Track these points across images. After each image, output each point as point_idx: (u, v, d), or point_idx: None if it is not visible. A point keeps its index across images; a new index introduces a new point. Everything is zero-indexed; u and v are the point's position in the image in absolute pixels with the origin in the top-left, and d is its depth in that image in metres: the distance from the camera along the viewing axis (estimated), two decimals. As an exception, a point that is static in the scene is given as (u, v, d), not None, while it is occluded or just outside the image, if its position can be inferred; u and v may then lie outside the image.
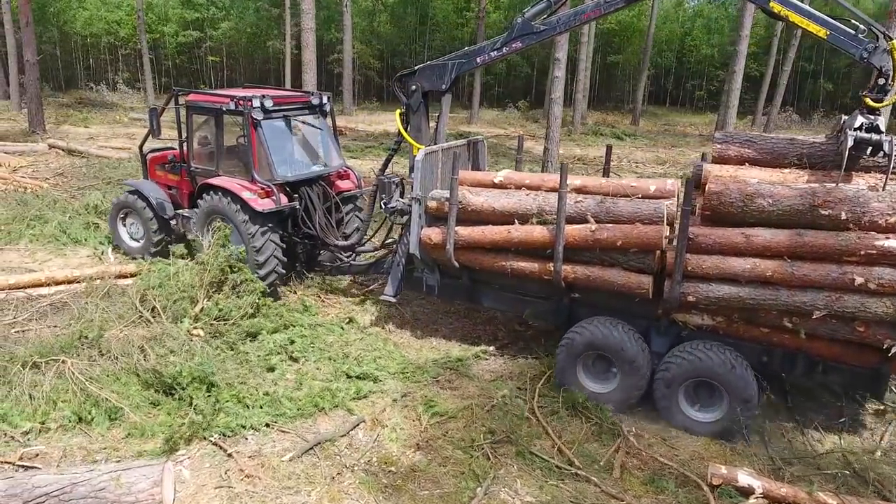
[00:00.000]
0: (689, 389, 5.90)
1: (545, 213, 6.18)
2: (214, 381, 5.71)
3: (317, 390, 6.01)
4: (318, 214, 8.47)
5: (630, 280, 5.98)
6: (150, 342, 6.28)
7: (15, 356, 5.97)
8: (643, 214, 5.90)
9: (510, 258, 6.49)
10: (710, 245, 5.62)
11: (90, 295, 7.70)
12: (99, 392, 5.49)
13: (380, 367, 6.62)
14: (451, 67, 7.24)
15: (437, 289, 7.36)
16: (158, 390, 5.76)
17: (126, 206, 9.39)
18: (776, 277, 5.42)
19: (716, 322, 5.93)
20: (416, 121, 7.55)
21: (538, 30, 6.78)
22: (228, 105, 8.03)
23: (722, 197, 5.55)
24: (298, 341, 6.95)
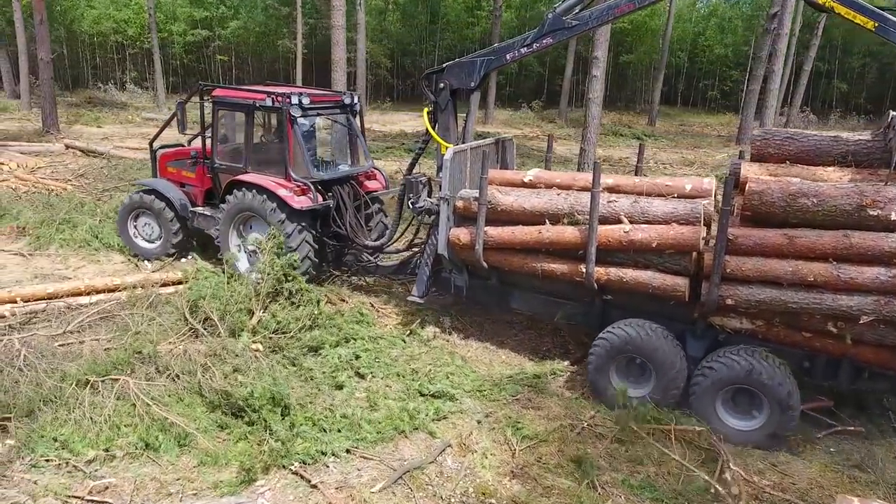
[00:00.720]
0: (727, 396, 5.65)
1: (577, 213, 6.00)
2: (289, 402, 5.25)
3: (396, 411, 5.56)
4: (348, 214, 8.31)
5: (665, 282, 5.75)
6: (210, 358, 5.83)
7: (67, 374, 5.53)
8: (679, 215, 5.70)
9: (541, 259, 6.29)
10: (751, 246, 5.39)
11: (134, 305, 7.27)
12: (165, 415, 5.03)
13: (454, 385, 6.18)
14: (481, 65, 7.05)
15: (465, 290, 7.21)
16: (226, 412, 5.31)
17: (140, 206, 9.06)
18: (820, 280, 5.17)
19: (755, 326, 5.69)
20: (443, 119, 7.36)
21: (570, 25, 6.57)
22: (265, 101, 7.86)
23: (763, 196, 5.31)
24: (363, 356, 6.51)
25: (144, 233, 9.26)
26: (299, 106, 7.76)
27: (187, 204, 8.91)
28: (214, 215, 8.56)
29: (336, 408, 5.53)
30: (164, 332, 6.73)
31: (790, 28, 27.08)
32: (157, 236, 9.15)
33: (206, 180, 8.92)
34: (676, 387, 5.77)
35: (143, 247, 9.26)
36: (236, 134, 8.89)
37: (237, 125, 8.76)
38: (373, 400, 5.80)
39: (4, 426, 5.01)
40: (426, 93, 7.46)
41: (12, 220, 10.42)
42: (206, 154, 8.66)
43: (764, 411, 5.50)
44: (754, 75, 24.01)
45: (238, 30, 37.96)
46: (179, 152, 9.31)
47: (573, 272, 6.10)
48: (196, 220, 8.89)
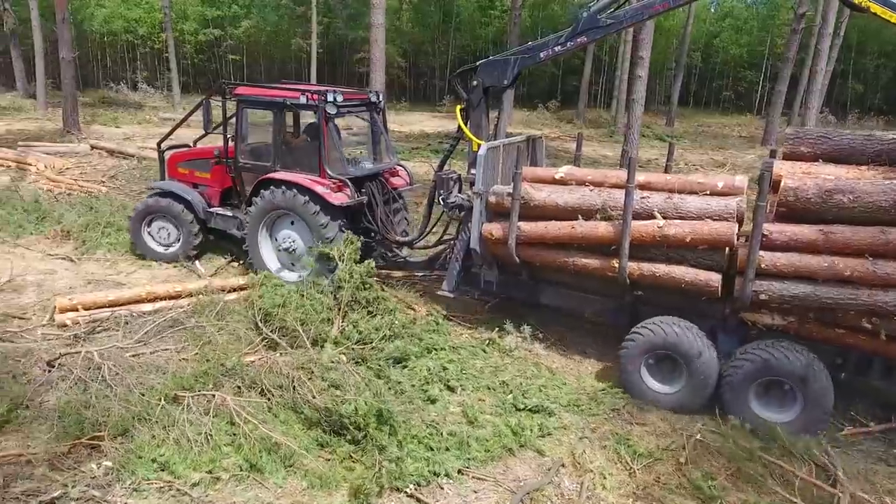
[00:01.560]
0: (759, 389, 5.62)
1: (610, 209, 6.02)
2: (396, 419, 4.96)
3: (501, 427, 5.27)
4: (379, 210, 8.35)
5: (698, 278, 5.75)
6: (300, 371, 5.54)
7: (152, 389, 5.25)
8: (712, 211, 5.71)
9: (573, 254, 6.32)
10: (786, 242, 5.41)
11: (201, 313, 7.00)
12: (270, 433, 4.74)
13: (550, 398, 5.90)
14: (514, 63, 7.06)
15: (495, 285, 7.23)
16: (326, 430, 5.02)
17: (156, 209, 8.83)
18: (856, 276, 5.17)
19: (787, 322, 5.70)
20: (475, 117, 7.40)
21: (605, 24, 6.58)
22: (299, 99, 7.80)
23: (799, 192, 5.32)
24: (450, 367, 6.23)
25: (160, 237, 9.02)
26: (334, 104, 7.72)
27: (205, 205, 8.77)
28: (237, 215, 8.53)
29: (438, 424, 5.24)
30: (236, 342, 6.48)
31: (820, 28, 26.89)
32: (175, 239, 8.95)
33: (224, 180, 8.76)
34: (708, 383, 5.75)
35: (159, 252, 9.02)
36: (262, 132, 8.75)
37: (263, 123, 8.64)
38: (470, 415, 5.50)
39: (97, 445, 4.73)
40: (459, 90, 7.50)
41: (55, 224, 10.13)
42: (227, 153, 8.44)
43: (797, 404, 5.50)
44: (781, 76, 23.73)
45: (250, 29, 37.71)
46: (191, 153, 9.10)
47: (605, 267, 6.11)
48: (215, 220, 8.76)
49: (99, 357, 5.69)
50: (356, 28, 36.93)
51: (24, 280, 8.21)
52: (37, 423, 5.11)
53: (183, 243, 8.90)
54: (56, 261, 8.99)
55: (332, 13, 37.03)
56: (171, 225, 8.91)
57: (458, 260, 7.27)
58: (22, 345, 6.37)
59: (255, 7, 37.88)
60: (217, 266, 9.10)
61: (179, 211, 8.70)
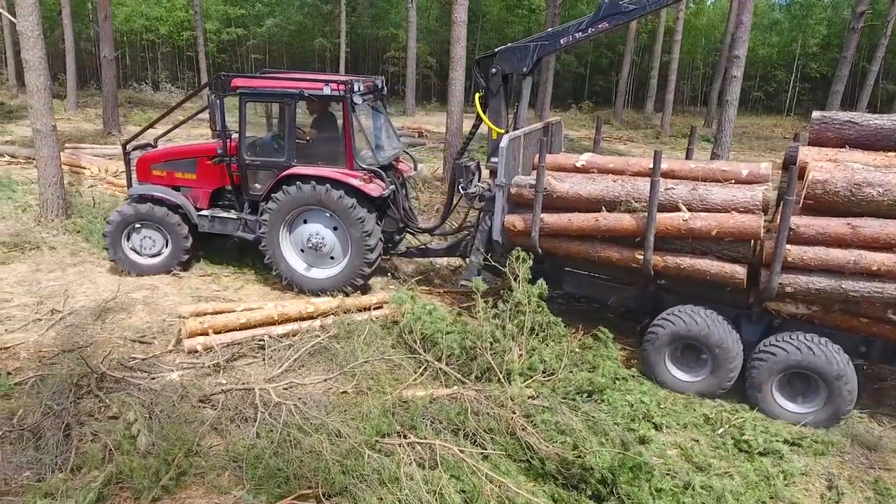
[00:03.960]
0: (783, 380, 5.60)
1: (634, 199, 5.91)
2: (651, 472, 4.29)
3: (751, 476, 4.60)
4: (400, 198, 8.25)
5: (724, 269, 5.68)
6: (501, 409, 4.86)
7: (343, 436, 4.57)
8: (738, 202, 5.60)
9: (596, 246, 6.25)
10: (813, 236, 5.31)
11: (345, 337, 6.33)
12: (515, 490, 4.05)
13: (770, 436, 5.22)
14: (534, 49, 6.97)
15: None
16: (561, 483, 4.34)
17: (138, 217, 8.02)
18: (884, 270, 5.09)
19: (812, 311, 5.69)
20: (495, 105, 7.27)
21: (626, 9, 6.54)
22: (321, 91, 7.37)
23: (827, 185, 5.20)
24: (646, 400, 5.55)
25: (143, 247, 8.18)
26: (359, 93, 7.42)
27: (192, 209, 8.09)
28: (241, 216, 8.00)
29: (674, 473, 4.56)
30: (395, 372, 5.82)
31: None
32: (162, 248, 8.19)
33: (215, 180, 8.13)
34: (732, 372, 5.73)
35: (143, 263, 8.19)
36: (270, 126, 8.37)
37: (271, 117, 8.33)
38: (698, 460, 4.83)
39: (310, 506, 4.05)
40: (477, 78, 7.37)
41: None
42: (227, 150, 7.74)
43: (820, 396, 5.47)
44: (838, 75, 23.07)
45: (273, 28, 37.00)
46: (168, 153, 8.41)
47: (630, 259, 6.04)
48: (211, 224, 8.12)
49: (276, 395, 5.01)
50: (382, 27, 36.28)
51: (130, 297, 7.52)
52: (214, 472, 4.45)
53: (173, 251, 8.14)
54: (156, 276, 8.29)
55: (356, 13, 36.30)
56: (156, 233, 8.12)
57: (480, 250, 7.22)
58: (160, 377, 5.70)
59: (279, 5, 37.17)
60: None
61: (163, 215, 7.98)
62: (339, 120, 7.91)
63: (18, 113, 24.03)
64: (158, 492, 4.16)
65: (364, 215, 7.35)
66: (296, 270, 7.76)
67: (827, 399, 5.42)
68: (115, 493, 4.20)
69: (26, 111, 24.62)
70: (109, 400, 5.15)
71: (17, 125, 21.95)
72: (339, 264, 7.72)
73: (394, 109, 31.53)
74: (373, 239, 7.46)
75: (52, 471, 4.31)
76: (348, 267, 7.60)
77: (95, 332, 6.64)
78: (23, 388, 5.41)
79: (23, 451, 4.53)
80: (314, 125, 8.14)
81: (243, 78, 7.97)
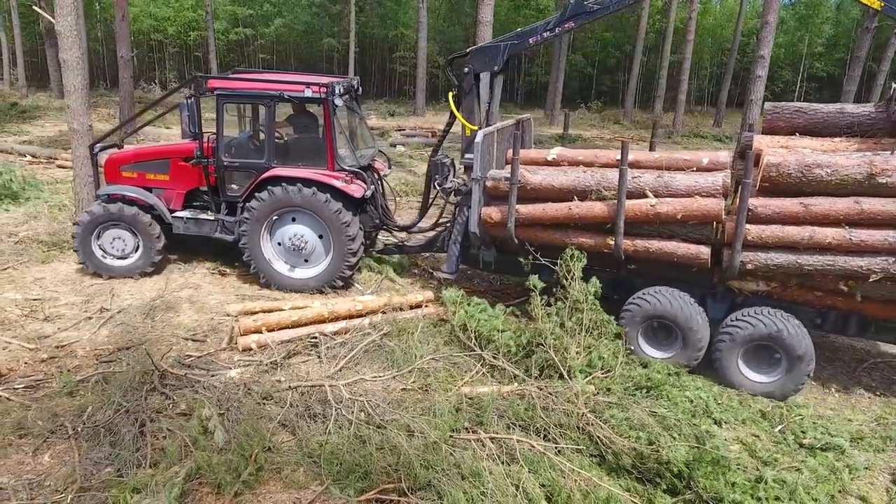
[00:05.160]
0: (748, 352, 5.94)
1: (604, 188, 6.24)
2: (729, 465, 4.33)
3: (820, 471, 4.65)
4: (378, 197, 8.44)
5: (689, 251, 6.04)
6: (568, 405, 4.91)
7: (416, 432, 4.61)
8: (701, 187, 5.97)
9: (569, 233, 6.53)
10: (770, 215, 5.69)
11: (398, 335, 6.38)
12: (597, 482, 4.10)
13: (831, 432, 5.27)
14: (504, 49, 7.23)
15: (493, 265, 7.51)
16: (637, 478, 4.39)
17: (109, 218, 7.87)
18: (834, 244, 5.51)
19: (771, 287, 6.07)
20: (468, 103, 7.48)
21: (591, 9, 6.83)
22: (302, 92, 7.42)
23: (780, 168, 5.59)
24: (704, 396, 5.60)
25: (113, 248, 8.03)
26: (339, 95, 7.54)
27: (165, 210, 8.01)
28: (219, 217, 7.95)
29: (745, 468, 4.61)
30: (451, 370, 5.87)
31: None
32: (132, 249, 8.04)
33: (189, 181, 8.10)
34: (701, 347, 6.06)
35: (113, 265, 8.03)
36: (242, 127, 8.43)
37: (244, 118, 8.38)
38: (761, 456, 4.88)
39: (389, 500, 4.09)
40: (450, 77, 7.63)
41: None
42: (203, 152, 7.70)
43: (782, 366, 5.82)
44: (850, 75, 23.13)
45: (281, 28, 37.02)
46: (139, 154, 8.36)
47: (601, 244, 6.34)
48: (186, 225, 8.05)
49: (348, 392, 5.06)
50: (391, 27, 36.30)
51: (175, 296, 7.57)
52: (289, 468, 4.49)
53: (144, 252, 8.01)
54: (199, 274, 8.34)
55: (364, 13, 36.34)
56: (126, 233, 7.98)
57: (457, 242, 7.51)
58: (219, 374, 5.75)
59: (286, 5, 37.19)
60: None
61: (134, 216, 7.86)
62: (318, 121, 7.99)
63: (31, 113, 24.11)
64: (240, 486, 4.21)
65: (349, 219, 7.48)
66: (277, 271, 7.83)
67: (787, 369, 5.79)
68: (195, 488, 4.25)
69: (39, 111, 24.80)
70: (177, 397, 5.20)
71: (32, 125, 22.03)
72: (321, 264, 7.81)
73: (403, 109, 31.62)
74: (356, 242, 7.61)
75: (132, 466, 4.36)
76: (331, 267, 7.71)
77: (146, 330, 6.69)
78: (86, 385, 5.46)
79: (99, 448, 4.58)
80: (293, 126, 8.22)
81: (219, 79, 7.96)
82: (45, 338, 6.40)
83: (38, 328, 6.62)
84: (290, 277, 7.84)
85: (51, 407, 5.06)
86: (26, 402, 5.17)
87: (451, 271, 7.57)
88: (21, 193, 11.67)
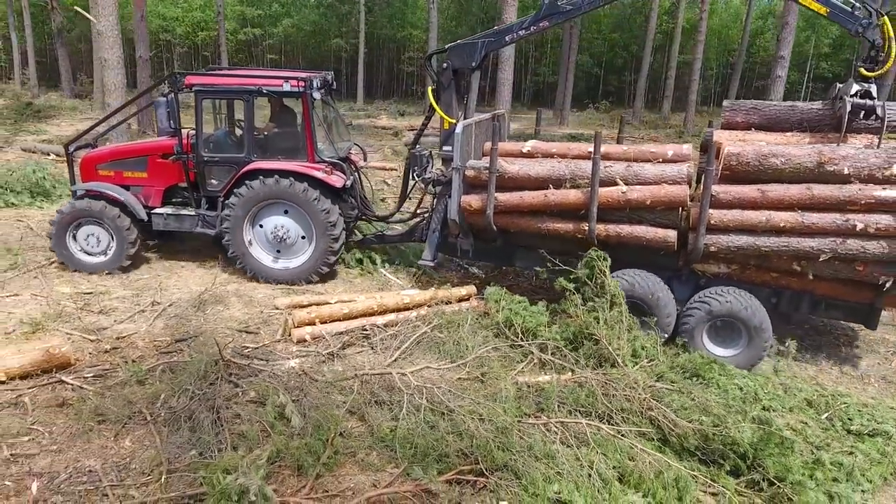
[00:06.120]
0: (711, 329, 6.48)
1: (577, 178, 6.65)
2: (793, 447, 4.51)
3: (874, 454, 4.83)
4: (357, 188, 8.72)
5: (657, 235, 6.51)
6: (628, 390, 5.09)
7: (484, 417, 4.78)
8: (667, 176, 6.46)
9: (545, 220, 6.92)
10: (730, 201, 6.22)
11: (447, 327, 6.54)
12: (667, 462, 4.28)
13: (877, 419, 5.45)
14: (481, 46, 7.49)
15: (471, 252, 7.78)
16: (693, 458, 4.56)
17: (84, 214, 7.94)
18: (788, 227, 6.05)
19: (731, 269, 6.61)
20: (446, 97, 7.73)
21: (564, 10, 7.11)
22: (281, 87, 7.65)
23: (740, 157, 6.12)
24: (753, 385, 5.78)
25: (89, 245, 8.08)
26: (317, 89, 7.72)
27: (139, 207, 8.05)
28: (200, 213, 8.11)
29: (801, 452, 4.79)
30: (503, 361, 6.04)
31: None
32: (107, 247, 8.08)
33: (168, 178, 8.18)
34: (669, 324, 6.56)
35: (88, 262, 8.08)
36: (218, 123, 8.52)
37: (219, 113, 8.49)
38: (813, 441, 5.05)
39: (469, 481, 4.27)
40: (429, 73, 7.93)
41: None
42: (182, 147, 7.84)
43: (742, 340, 6.37)
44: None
45: (290, 28, 37.18)
46: (115, 152, 8.43)
47: (576, 230, 6.75)
48: (165, 222, 8.18)
49: (416, 379, 5.23)
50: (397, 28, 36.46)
51: (222, 290, 7.74)
52: (363, 452, 4.66)
53: (118, 250, 8.04)
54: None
55: (371, 13, 36.50)
56: (101, 230, 8.02)
57: (436, 231, 7.82)
58: (279, 364, 5.92)
59: (294, 6, 37.35)
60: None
61: (114, 215, 7.89)
62: (296, 114, 8.12)
63: (46, 112, 24.20)
64: (321, 469, 4.38)
65: (328, 206, 7.70)
66: (262, 263, 8.02)
67: (748, 343, 6.33)
68: (276, 470, 4.42)
69: (54, 111, 24.85)
70: (246, 385, 5.36)
71: (49, 124, 22.13)
72: (304, 254, 8.00)
73: (413, 109, 31.77)
74: (337, 229, 7.82)
75: (214, 450, 4.52)
76: (314, 257, 7.93)
77: (200, 323, 6.85)
78: (154, 374, 5.63)
79: (179, 433, 4.75)
80: (272, 119, 8.39)
81: (197, 75, 8.08)
82: (103, 330, 6.57)
83: (95, 321, 6.78)
84: (274, 269, 8.02)
85: (124, 394, 5.22)
86: (98, 391, 5.34)
87: (431, 259, 7.85)
88: (52, 191, 11.87)
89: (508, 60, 12.77)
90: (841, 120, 6.12)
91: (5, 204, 11.21)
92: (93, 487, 4.19)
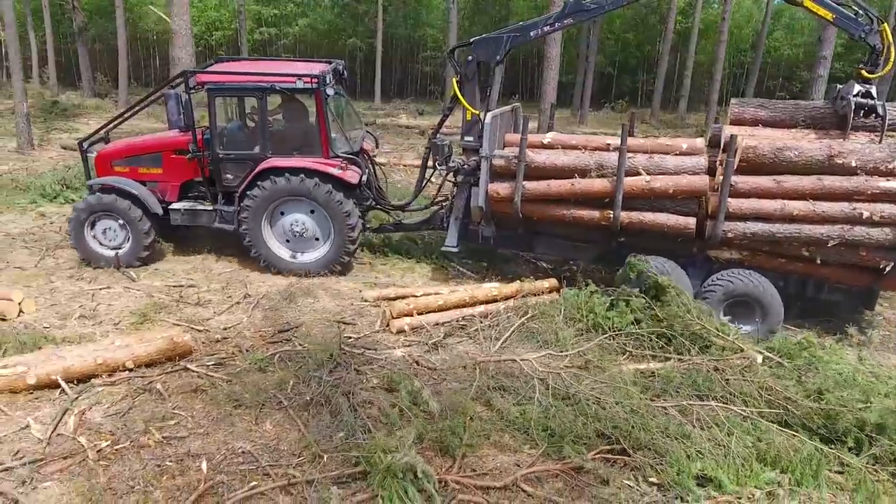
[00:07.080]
0: (727, 308, 6.91)
1: (602, 168, 7.01)
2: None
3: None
4: (372, 179, 8.91)
5: (678, 222, 6.94)
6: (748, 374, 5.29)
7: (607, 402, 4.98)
8: (687, 167, 6.91)
9: (570, 208, 7.25)
10: (747, 190, 6.68)
11: (540, 318, 6.74)
12: (799, 443, 4.48)
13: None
14: (506, 40, 7.68)
15: (492, 240, 8.06)
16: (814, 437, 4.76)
17: (100, 208, 8.05)
18: (801, 215, 6.54)
19: (742, 256, 7.07)
20: (469, 89, 7.90)
21: (588, 7, 7.39)
22: (294, 84, 7.69)
23: (757, 150, 6.57)
24: (848, 370, 5.96)
25: (106, 238, 8.19)
26: (330, 84, 7.84)
27: (155, 202, 8.14)
28: (217, 208, 8.16)
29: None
30: (601, 351, 6.23)
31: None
32: (123, 241, 8.20)
33: (184, 173, 8.27)
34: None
35: (105, 254, 8.19)
36: (230, 117, 8.56)
37: (237, 111, 8.55)
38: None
39: (614, 460, 4.47)
40: (452, 66, 8.23)
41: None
42: (197, 145, 7.93)
43: (756, 317, 6.85)
44: (880, 75, 23.64)
45: (305, 28, 37.33)
46: (131, 148, 8.51)
47: (600, 218, 7.10)
48: (182, 217, 8.27)
49: (522, 364, 5.43)
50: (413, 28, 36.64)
51: (308, 283, 7.90)
52: (496, 435, 4.85)
53: (133, 244, 8.14)
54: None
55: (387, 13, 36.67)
56: (116, 225, 8.12)
57: (458, 218, 8.05)
58: (386, 353, 6.11)
59: (310, 6, 37.51)
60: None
61: (126, 209, 7.99)
62: (310, 109, 8.15)
63: (73, 111, 24.33)
64: (465, 449, 4.57)
65: (350, 208, 7.86)
66: (281, 258, 8.15)
67: (762, 318, 6.79)
68: (420, 451, 4.60)
69: (80, 109, 24.94)
70: (370, 372, 5.55)
71: (78, 123, 22.27)
72: (321, 249, 8.14)
73: (431, 108, 31.96)
74: (356, 231, 8.01)
75: (360, 432, 4.70)
76: (331, 252, 8.08)
77: (295, 314, 7.03)
78: (272, 362, 5.81)
79: (319, 417, 4.93)
80: (283, 115, 8.48)
81: (208, 73, 8.08)
82: (206, 321, 6.76)
83: (195, 312, 6.97)
84: (292, 262, 8.14)
85: (253, 381, 5.41)
86: (225, 378, 5.52)
87: (454, 245, 8.07)
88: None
89: (555, 59, 12.94)
90: (845, 118, 6.60)
91: (65, 200, 11.41)
92: (253, 468, 4.37)
